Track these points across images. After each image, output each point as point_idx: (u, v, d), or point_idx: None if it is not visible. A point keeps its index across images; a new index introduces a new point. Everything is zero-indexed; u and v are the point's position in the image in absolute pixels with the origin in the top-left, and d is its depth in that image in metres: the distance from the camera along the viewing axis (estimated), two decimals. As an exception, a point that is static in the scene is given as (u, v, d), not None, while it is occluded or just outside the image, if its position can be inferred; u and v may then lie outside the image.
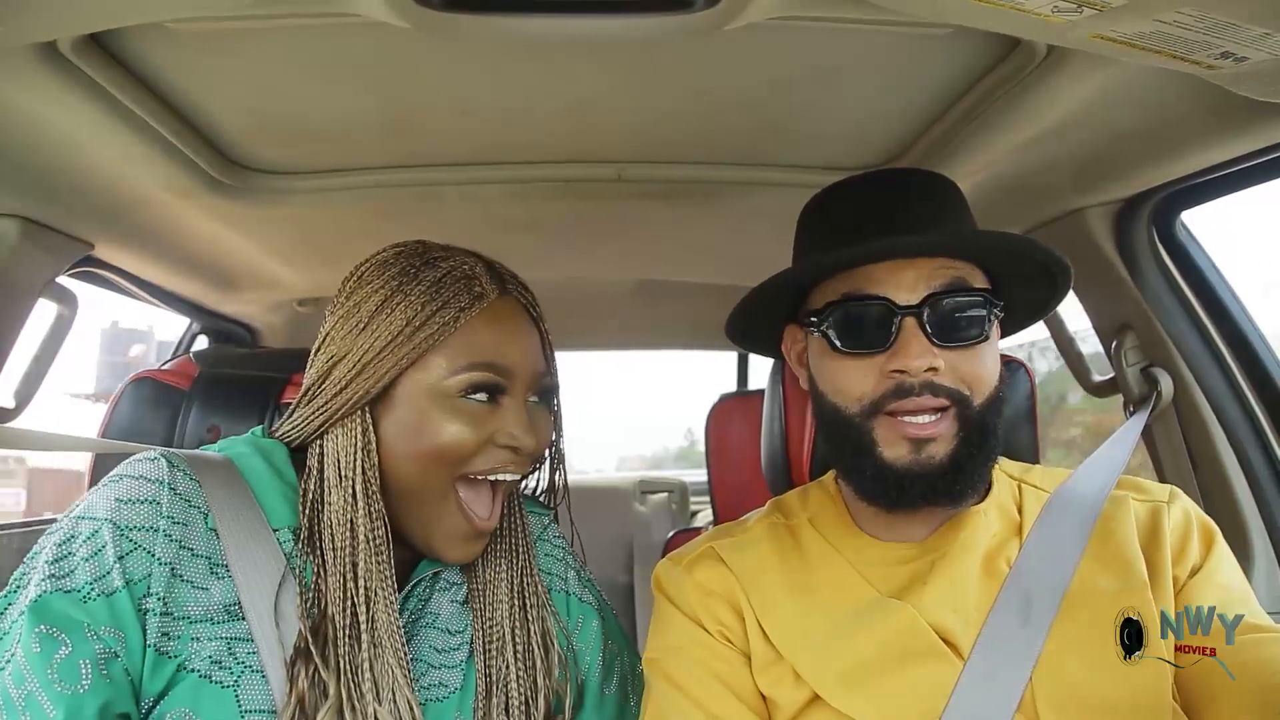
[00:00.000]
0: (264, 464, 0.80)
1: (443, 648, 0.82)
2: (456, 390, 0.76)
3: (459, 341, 0.77)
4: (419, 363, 0.77)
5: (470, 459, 0.77)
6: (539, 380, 0.82)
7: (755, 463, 1.29)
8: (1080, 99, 0.88)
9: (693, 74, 0.93)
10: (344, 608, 0.73)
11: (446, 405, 0.76)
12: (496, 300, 0.80)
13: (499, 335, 0.79)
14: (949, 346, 0.77)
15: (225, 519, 0.74)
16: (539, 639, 0.84)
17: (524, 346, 0.81)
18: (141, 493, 0.72)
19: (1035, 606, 0.76)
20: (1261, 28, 0.61)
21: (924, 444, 0.77)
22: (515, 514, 0.90)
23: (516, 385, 0.79)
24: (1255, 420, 1.14)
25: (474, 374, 0.76)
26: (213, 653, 0.70)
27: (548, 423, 0.84)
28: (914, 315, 0.76)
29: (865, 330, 0.78)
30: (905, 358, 0.75)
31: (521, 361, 0.80)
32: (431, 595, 0.84)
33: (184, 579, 0.71)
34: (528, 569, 0.88)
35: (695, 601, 0.86)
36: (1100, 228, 1.18)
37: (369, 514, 0.75)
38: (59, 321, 1.30)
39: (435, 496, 0.77)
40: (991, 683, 0.73)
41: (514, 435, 0.78)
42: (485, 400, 0.78)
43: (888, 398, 0.77)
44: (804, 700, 0.79)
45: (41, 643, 0.65)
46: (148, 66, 0.89)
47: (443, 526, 0.78)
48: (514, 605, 0.84)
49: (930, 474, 0.76)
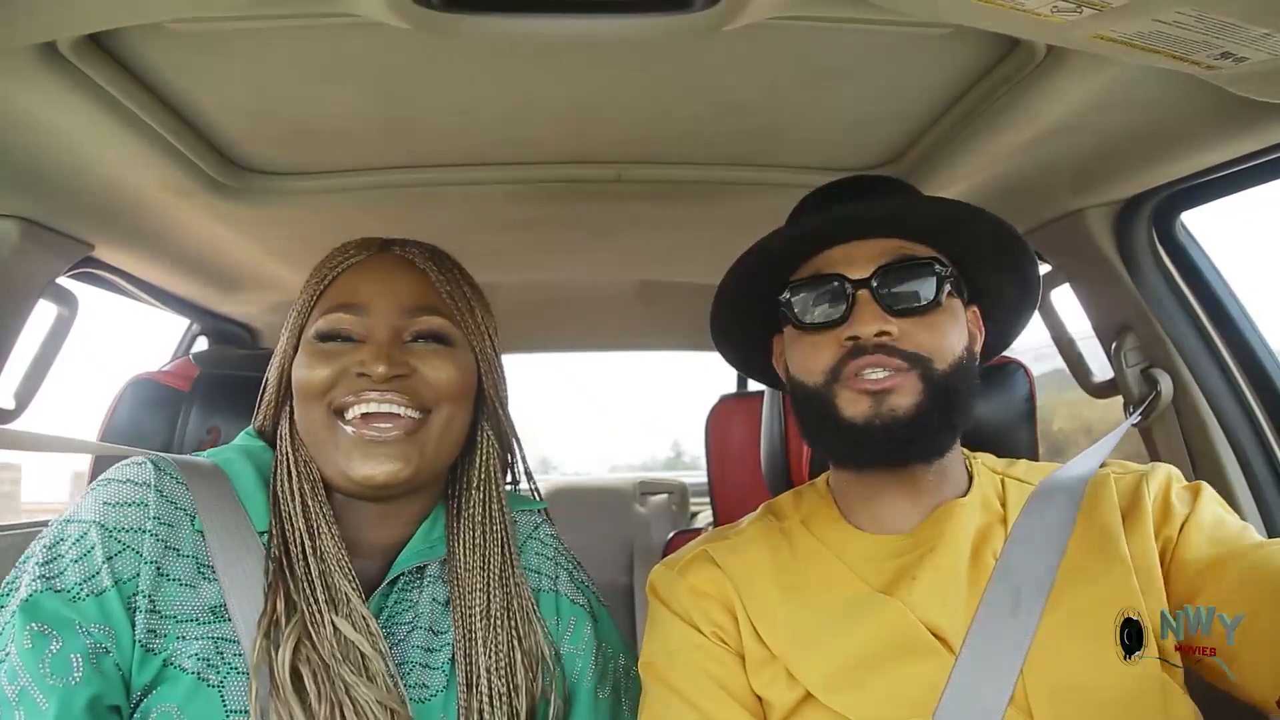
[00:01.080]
0: (251, 469, 0.84)
1: (427, 648, 0.83)
2: (315, 335, 0.84)
3: (327, 294, 0.86)
4: (306, 325, 0.86)
5: (329, 391, 0.82)
6: (413, 318, 0.85)
7: (755, 463, 1.29)
8: (1080, 99, 0.88)
9: (692, 74, 0.93)
10: (296, 539, 0.80)
11: (308, 349, 0.84)
12: (371, 257, 0.88)
13: (357, 279, 0.86)
14: (903, 314, 0.80)
15: (212, 523, 0.78)
16: (517, 639, 0.84)
17: (386, 285, 0.85)
18: (128, 496, 0.75)
19: (1023, 596, 0.76)
20: (1261, 28, 0.61)
21: (883, 397, 0.79)
22: (494, 510, 0.90)
23: (377, 322, 0.83)
24: (1255, 421, 1.14)
25: (327, 316, 0.84)
26: (201, 651, 0.72)
27: (435, 362, 0.84)
28: (866, 287, 0.81)
29: (823, 306, 0.83)
30: (858, 325, 0.79)
31: (380, 299, 0.84)
32: (410, 592, 0.85)
33: (171, 578, 0.74)
34: (509, 571, 0.88)
35: (689, 604, 0.86)
36: (1100, 228, 1.18)
37: (296, 461, 0.84)
38: (59, 322, 1.30)
39: (321, 429, 0.82)
40: (983, 675, 0.73)
41: (363, 361, 0.81)
42: (342, 342, 0.83)
43: (844, 361, 0.80)
44: (797, 700, 0.79)
45: (34, 639, 0.67)
46: (147, 67, 0.89)
47: (339, 449, 0.81)
48: (491, 605, 0.85)
49: (889, 426, 0.78)
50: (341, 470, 0.81)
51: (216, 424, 1.19)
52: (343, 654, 0.75)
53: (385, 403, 0.81)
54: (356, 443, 0.80)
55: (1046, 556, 0.78)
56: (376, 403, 0.81)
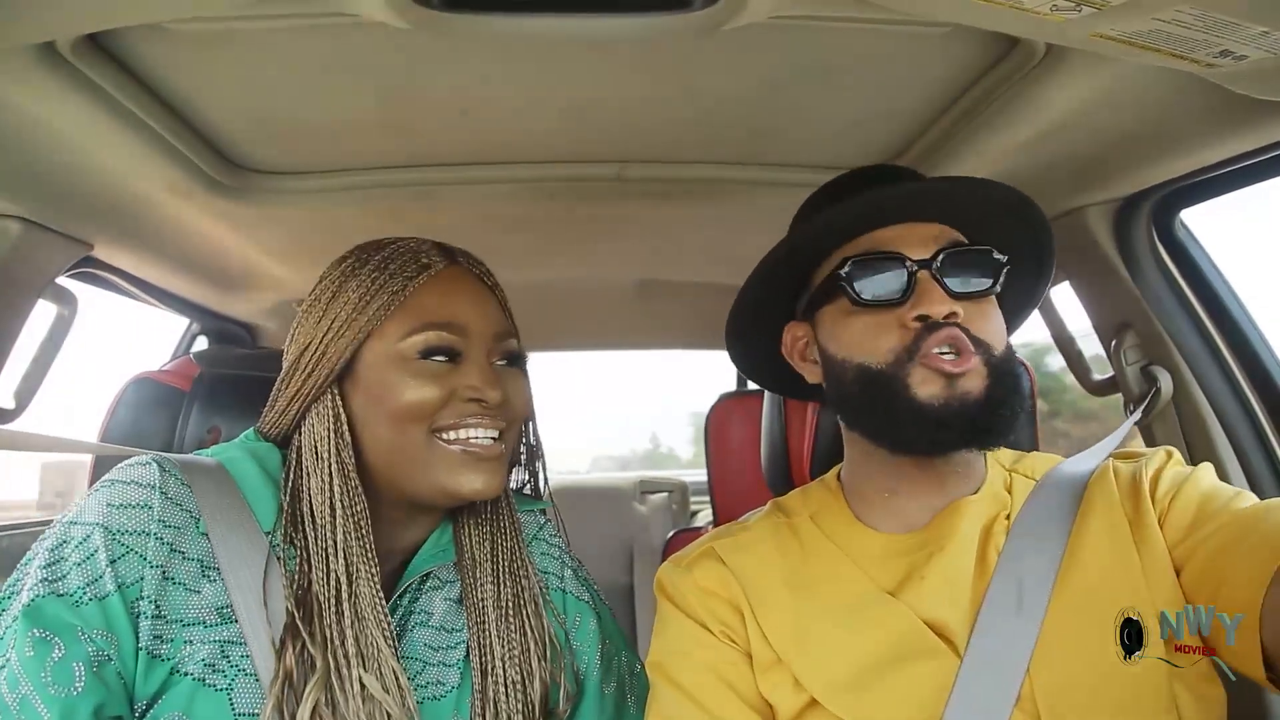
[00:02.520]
0: (256, 467, 0.81)
1: (438, 645, 0.83)
2: (414, 352, 0.79)
3: (410, 307, 0.81)
4: (375, 334, 0.80)
5: (437, 413, 0.79)
6: (500, 341, 0.84)
7: (755, 463, 1.29)
8: (1079, 98, 0.88)
9: (692, 73, 0.93)
10: (327, 583, 0.75)
11: (407, 368, 0.79)
12: (444, 269, 0.85)
13: (449, 297, 0.83)
14: (963, 298, 0.79)
15: (216, 523, 0.75)
16: (533, 634, 0.85)
17: (478, 307, 0.84)
18: (133, 497, 0.73)
19: (1027, 593, 0.76)
20: (1261, 26, 0.61)
21: (956, 379, 0.76)
22: (504, 510, 0.90)
23: (474, 344, 0.82)
24: (1255, 418, 1.14)
25: (428, 334, 0.80)
26: (206, 656, 0.71)
27: (519, 385, 0.86)
28: (928, 268, 0.79)
29: (884, 283, 0.80)
30: (927, 304, 0.78)
31: (476, 321, 0.83)
32: (420, 596, 0.84)
33: (176, 582, 0.72)
34: (519, 564, 0.88)
35: (697, 602, 0.86)
36: (1100, 226, 1.18)
37: (345, 490, 0.78)
38: (58, 322, 1.30)
39: (418, 448, 0.79)
40: (990, 676, 0.73)
41: (476, 387, 0.80)
42: (445, 361, 0.80)
43: (920, 339, 0.78)
44: (802, 705, 0.79)
45: (35, 646, 0.65)
46: (147, 67, 0.89)
47: (440, 465, 0.79)
48: (504, 600, 0.85)
49: (968, 409, 0.76)
50: (442, 487, 0.79)
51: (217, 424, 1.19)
52: (369, 714, 0.72)
53: (489, 428, 0.81)
54: (462, 460, 0.79)
55: (1048, 552, 0.78)
56: (484, 428, 0.81)
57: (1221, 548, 0.71)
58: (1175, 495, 0.78)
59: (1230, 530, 0.72)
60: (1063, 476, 0.84)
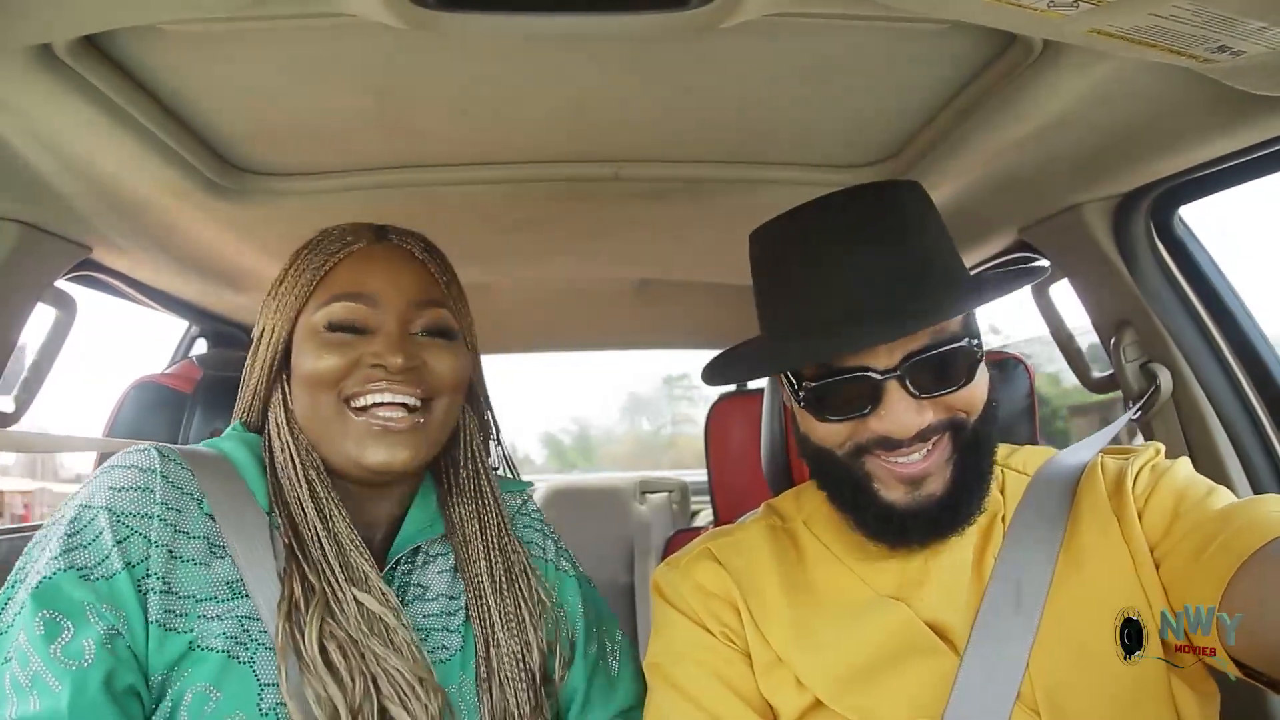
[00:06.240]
0: (250, 455, 0.85)
1: (438, 613, 0.87)
2: (323, 323, 0.84)
3: (326, 282, 0.86)
4: (303, 311, 0.86)
5: (342, 381, 0.83)
6: (420, 311, 0.86)
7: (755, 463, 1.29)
8: (1077, 94, 0.88)
9: (689, 72, 0.92)
10: (309, 524, 0.81)
11: (316, 339, 0.84)
12: (369, 246, 0.88)
13: (362, 270, 0.86)
14: (934, 395, 0.75)
15: (221, 505, 0.79)
16: (527, 605, 0.88)
17: (394, 277, 0.86)
18: (134, 481, 0.76)
19: (1025, 590, 0.76)
20: (1258, 21, 0.61)
21: (919, 483, 0.76)
22: (483, 485, 0.94)
23: (387, 314, 0.84)
24: (1254, 415, 1.14)
25: (334, 305, 0.84)
26: (228, 630, 0.74)
27: (441, 355, 0.86)
28: (895, 378, 0.74)
29: (847, 400, 0.76)
30: (891, 422, 0.74)
31: (389, 290, 0.85)
32: (412, 571, 0.88)
33: (184, 559, 0.75)
34: (504, 536, 0.92)
35: (696, 603, 0.86)
36: (1098, 223, 1.18)
37: (297, 448, 0.84)
38: (58, 325, 1.30)
39: (330, 419, 0.83)
40: (990, 673, 0.73)
41: (378, 353, 0.82)
42: (351, 331, 0.84)
43: (874, 445, 0.76)
44: (806, 705, 0.79)
45: (45, 626, 0.67)
46: (143, 69, 0.89)
47: (350, 436, 0.82)
48: (494, 569, 0.89)
49: (930, 510, 0.76)
50: (352, 457, 0.82)
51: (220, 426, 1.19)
52: (368, 628, 0.77)
53: (397, 393, 0.82)
54: (368, 431, 0.82)
55: (1044, 549, 0.78)
56: (390, 393, 0.82)
57: (1191, 551, 0.72)
58: (1151, 493, 0.78)
59: (1197, 535, 0.72)
60: (1055, 473, 0.84)
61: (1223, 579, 0.66)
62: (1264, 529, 0.67)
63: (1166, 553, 0.75)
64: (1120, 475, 0.81)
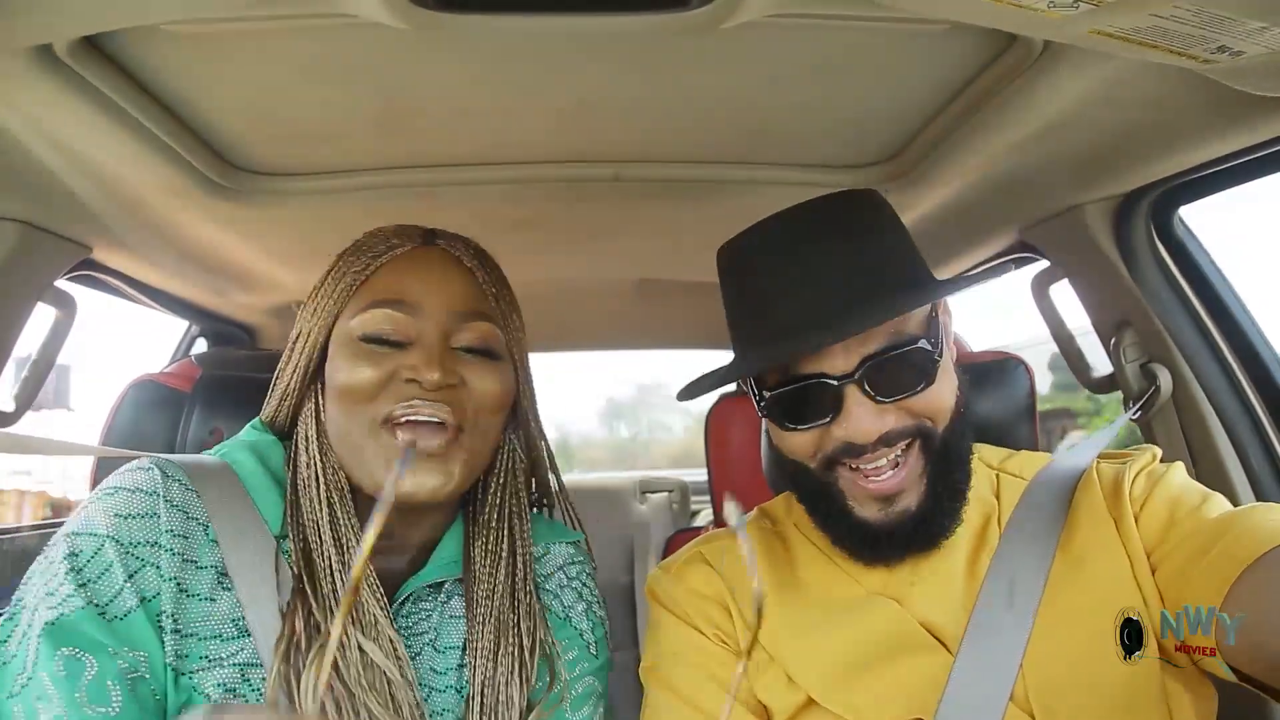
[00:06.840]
0: (258, 465, 0.80)
1: (444, 669, 0.80)
2: (359, 332, 0.78)
3: (368, 286, 0.80)
4: (342, 315, 0.80)
5: (377, 398, 0.76)
6: (463, 324, 0.80)
7: (755, 463, 1.29)
8: (1077, 95, 0.88)
9: (689, 73, 0.92)
10: (323, 555, 0.75)
11: (350, 348, 0.78)
12: (415, 249, 0.82)
13: (406, 273, 0.80)
14: (895, 398, 0.75)
15: (225, 529, 0.73)
16: (527, 650, 0.81)
17: (438, 284, 0.80)
18: (138, 506, 0.70)
19: (1018, 588, 0.76)
20: (1258, 21, 0.61)
21: (892, 499, 0.76)
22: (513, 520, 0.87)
23: (428, 323, 0.78)
24: (1254, 415, 1.14)
25: (373, 311, 0.78)
26: (225, 680, 0.69)
27: (483, 374, 0.80)
28: (853, 383, 0.74)
29: (808, 407, 0.76)
30: (852, 428, 0.74)
31: (432, 298, 0.79)
32: (432, 613, 0.82)
33: (191, 594, 0.70)
34: (521, 580, 0.84)
35: (689, 606, 0.86)
36: (1098, 224, 1.18)
37: (324, 466, 0.78)
38: (57, 325, 1.30)
39: (362, 438, 0.77)
40: (983, 672, 0.73)
41: (414, 366, 0.75)
42: (389, 343, 0.77)
43: (840, 453, 0.76)
44: (799, 704, 0.79)
45: (66, 665, 0.62)
46: (144, 69, 0.89)
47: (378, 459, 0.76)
48: (502, 619, 0.81)
49: (904, 526, 0.76)
50: (378, 481, 0.75)
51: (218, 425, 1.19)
52: (369, 682, 0.70)
53: (433, 413, 0.75)
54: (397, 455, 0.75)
55: (1040, 549, 0.78)
56: (426, 413, 0.75)
57: (1189, 556, 0.72)
58: (1148, 499, 0.78)
59: (1194, 541, 0.72)
60: (1052, 477, 0.84)
61: (1225, 582, 0.66)
62: (1265, 536, 0.67)
63: (1163, 557, 0.75)
64: (1117, 479, 0.81)
